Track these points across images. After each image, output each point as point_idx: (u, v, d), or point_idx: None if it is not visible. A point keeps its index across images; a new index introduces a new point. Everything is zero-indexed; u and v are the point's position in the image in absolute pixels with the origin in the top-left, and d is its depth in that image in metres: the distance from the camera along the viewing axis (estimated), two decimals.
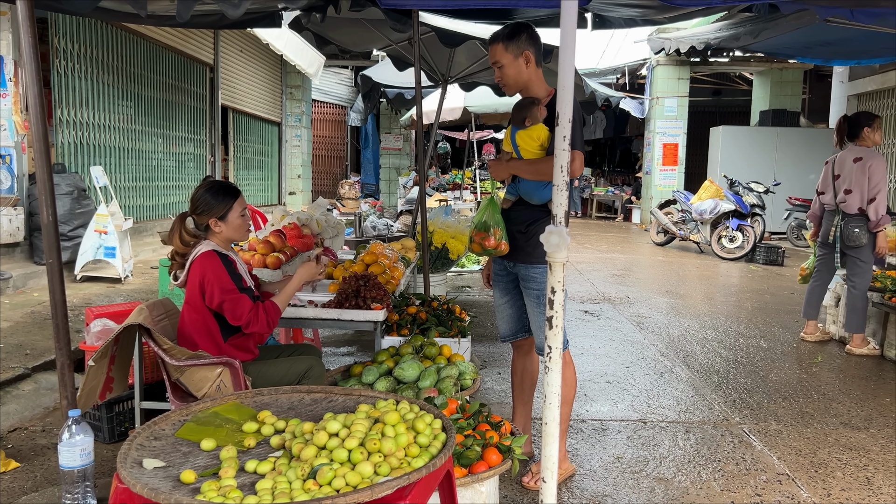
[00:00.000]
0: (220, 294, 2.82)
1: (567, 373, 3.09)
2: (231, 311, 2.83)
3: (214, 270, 2.83)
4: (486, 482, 2.34)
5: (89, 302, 5.96)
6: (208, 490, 1.66)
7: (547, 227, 1.64)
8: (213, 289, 2.82)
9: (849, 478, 3.23)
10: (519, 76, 3.02)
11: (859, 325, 5.40)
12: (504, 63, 3.00)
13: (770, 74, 15.44)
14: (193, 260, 2.88)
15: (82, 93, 8.06)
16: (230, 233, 2.97)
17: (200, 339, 2.91)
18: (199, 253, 2.89)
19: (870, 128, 5.36)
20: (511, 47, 2.97)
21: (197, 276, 2.86)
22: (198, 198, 2.96)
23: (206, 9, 4.35)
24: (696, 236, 11.53)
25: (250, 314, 2.83)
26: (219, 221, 2.93)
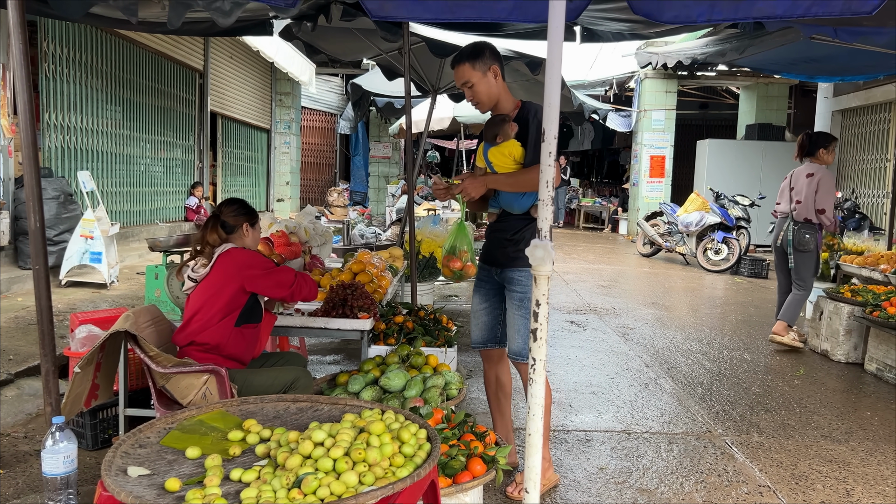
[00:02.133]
0: (263, 271, 3.03)
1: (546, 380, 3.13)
2: (277, 281, 3.04)
3: (249, 255, 3.07)
4: (470, 492, 2.36)
5: (74, 307, 5.92)
6: (193, 498, 1.67)
7: (532, 241, 1.67)
8: (253, 270, 3.01)
9: (829, 490, 3.27)
10: (490, 91, 3.07)
11: (792, 317, 5.93)
12: (474, 81, 3.05)
13: (756, 89, 15.61)
14: (219, 256, 3.05)
15: (70, 97, 8.04)
16: (253, 241, 3.22)
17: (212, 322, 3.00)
18: (225, 250, 3.06)
19: (825, 149, 5.89)
20: (478, 65, 3.02)
21: (229, 267, 3.01)
22: (234, 203, 3.22)
23: (197, 16, 4.36)
24: (682, 248, 11.62)
25: (297, 279, 3.09)
26: (249, 227, 3.19)
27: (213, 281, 3.02)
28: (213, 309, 3.00)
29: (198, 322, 3.01)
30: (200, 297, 3.04)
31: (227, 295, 3.01)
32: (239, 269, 3.00)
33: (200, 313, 3.01)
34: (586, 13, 4.28)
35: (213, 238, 3.11)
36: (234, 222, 3.16)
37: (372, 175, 19.04)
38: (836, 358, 5.65)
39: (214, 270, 3.02)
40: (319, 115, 19.82)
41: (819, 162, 5.86)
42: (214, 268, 3.02)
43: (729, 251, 10.82)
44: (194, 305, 3.05)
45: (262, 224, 4.94)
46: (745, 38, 5.96)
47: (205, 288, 3.03)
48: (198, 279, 3.05)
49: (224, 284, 3.00)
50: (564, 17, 1.52)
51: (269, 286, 3.05)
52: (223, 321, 3.02)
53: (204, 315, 3.01)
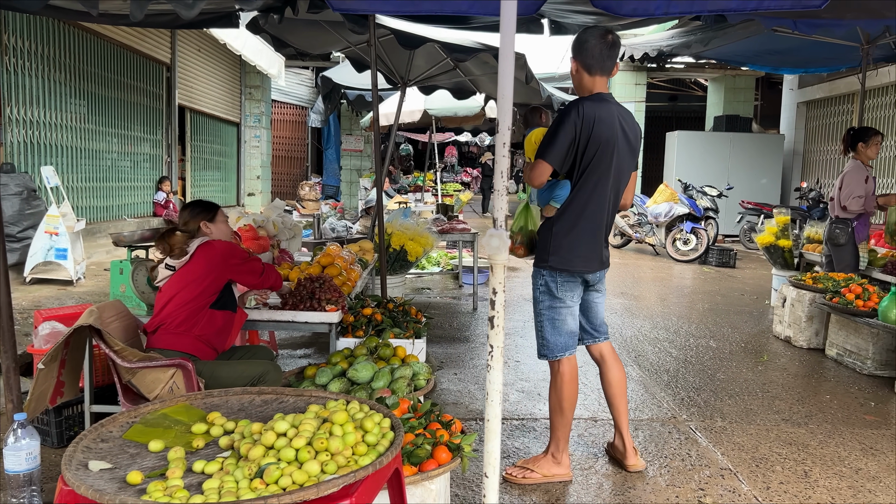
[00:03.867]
0: (241, 257, 3.20)
1: (559, 381, 3.14)
2: (251, 268, 3.22)
3: (230, 245, 3.20)
4: (435, 480, 2.39)
5: (39, 305, 5.84)
6: (154, 490, 1.67)
7: (488, 230, 1.70)
8: (234, 258, 3.15)
9: (787, 471, 3.36)
10: (575, 83, 3.14)
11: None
12: (573, 71, 3.13)
13: (724, 81, 15.83)
14: (199, 246, 3.13)
15: (33, 91, 7.90)
16: (218, 234, 3.26)
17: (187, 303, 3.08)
18: (203, 241, 3.15)
19: (864, 143, 5.79)
20: (573, 55, 3.10)
21: (210, 255, 3.11)
22: (185, 210, 3.29)
23: (160, 8, 4.31)
24: (651, 239, 11.77)
25: (265, 267, 3.30)
26: (208, 223, 3.25)
27: (193, 269, 3.10)
28: (190, 294, 3.09)
29: (173, 305, 3.10)
30: (178, 284, 3.11)
31: (207, 282, 3.10)
32: (223, 258, 3.12)
33: (177, 297, 3.10)
34: (553, 6, 4.33)
35: (176, 241, 3.17)
36: (193, 225, 3.23)
37: (344, 168, 18.95)
38: (799, 344, 5.79)
39: (195, 259, 3.11)
40: (290, 109, 19.67)
41: (859, 157, 5.79)
42: (195, 257, 3.11)
43: (697, 241, 10.99)
44: (170, 292, 3.12)
45: (230, 219, 4.92)
46: (709, 30, 6.05)
47: (183, 275, 3.11)
48: (176, 267, 3.11)
49: (206, 273, 3.10)
50: (516, 15, 1.54)
51: (244, 273, 3.20)
52: (198, 302, 3.11)
53: (180, 299, 3.09)
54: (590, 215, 3.05)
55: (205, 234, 3.22)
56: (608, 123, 2.97)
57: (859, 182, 5.74)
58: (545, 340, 3.15)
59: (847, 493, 3.15)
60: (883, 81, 11.61)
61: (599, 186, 3.01)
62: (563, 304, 3.12)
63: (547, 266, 3.09)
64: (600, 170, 2.98)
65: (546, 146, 2.96)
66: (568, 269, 3.08)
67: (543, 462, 3.17)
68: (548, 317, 3.12)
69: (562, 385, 3.15)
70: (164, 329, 3.05)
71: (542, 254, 3.11)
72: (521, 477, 3.14)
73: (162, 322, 3.06)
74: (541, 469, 3.15)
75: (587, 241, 3.09)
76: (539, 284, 3.14)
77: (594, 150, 2.97)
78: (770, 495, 3.11)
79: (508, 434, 3.74)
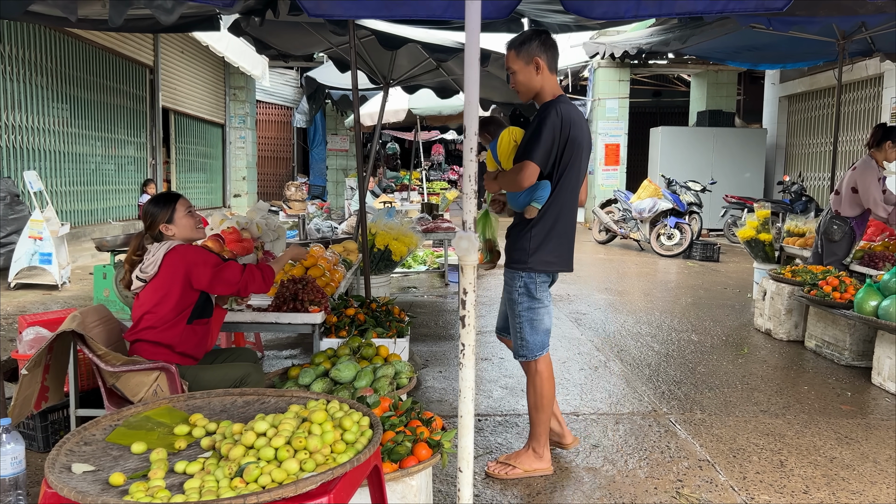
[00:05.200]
0: (210, 268, 2.98)
1: (537, 380, 3.20)
2: (224, 279, 2.99)
3: (195, 252, 3.00)
4: (416, 476, 2.43)
5: (24, 310, 5.84)
6: (136, 491, 1.71)
7: (458, 232, 1.75)
8: (200, 268, 2.97)
9: (764, 461, 3.44)
10: (529, 83, 3.08)
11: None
12: (515, 69, 3.07)
13: (706, 76, 15.96)
14: (165, 255, 2.99)
15: (15, 95, 7.87)
16: (183, 232, 3.10)
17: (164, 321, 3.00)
18: (170, 248, 3.00)
19: (893, 142, 5.62)
20: (522, 54, 3.04)
21: (177, 265, 2.96)
22: (145, 212, 3.13)
23: (140, 13, 4.33)
24: (636, 234, 11.86)
25: (245, 275, 3.03)
26: (168, 225, 3.07)
27: (162, 281, 2.99)
28: (164, 309, 2.99)
29: (149, 321, 3.00)
30: (151, 298, 3.01)
31: (177, 294, 2.99)
32: (186, 267, 2.97)
33: (151, 314, 3.00)
34: (532, 5, 4.38)
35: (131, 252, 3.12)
36: (155, 231, 3.08)
37: (330, 168, 18.95)
38: (779, 336, 5.88)
39: (162, 270, 2.99)
40: (275, 109, 19.64)
41: (878, 155, 5.67)
42: (162, 268, 2.99)
43: (681, 236, 11.09)
44: (144, 305, 3.02)
45: (213, 221, 4.94)
46: (686, 28, 6.13)
47: (154, 289, 3.01)
48: (146, 279, 3.03)
49: (172, 284, 2.98)
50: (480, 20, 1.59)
51: (215, 284, 3.00)
52: (175, 319, 3.02)
53: (155, 315, 2.99)
54: (566, 215, 3.11)
55: (168, 238, 3.08)
56: (580, 125, 3.04)
57: (875, 185, 5.63)
58: (524, 341, 3.18)
59: (821, 482, 3.23)
60: (861, 75, 11.77)
61: (574, 187, 3.09)
62: (541, 305, 3.16)
63: (527, 268, 3.11)
64: (574, 170, 3.05)
65: (532, 147, 2.97)
66: (547, 270, 3.13)
67: (525, 457, 3.23)
68: (527, 318, 3.16)
69: (541, 383, 3.20)
70: (141, 345, 3.02)
71: (519, 255, 3.12)
72: (502, 472, 3.19)
73: (139, 337, 3.02)
74: (522, 464, 3.21)
75: (565, 242, 3.16)
76: (518, 287, 3.15)
77: (571, 151, 3.03)
78: (746, 485, 3.18)
79: (491, 430, 3.80)
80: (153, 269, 2.99)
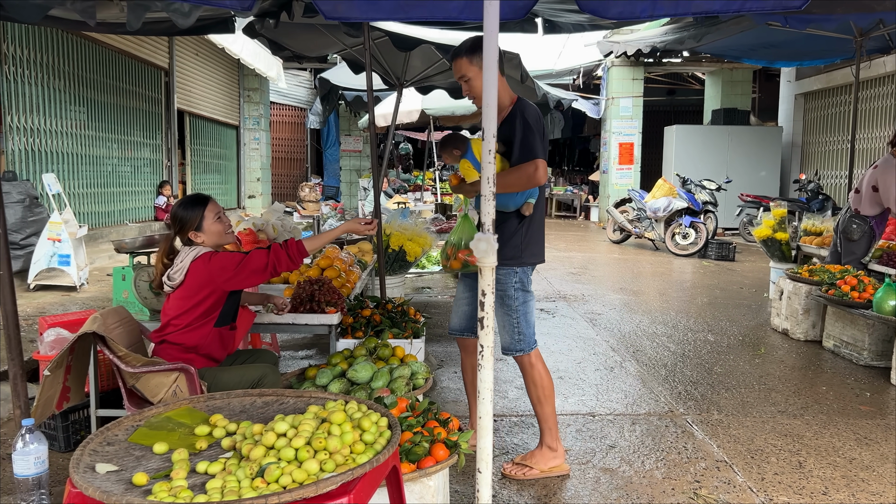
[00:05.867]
0: (234, 266, 2.94)
1: (535, 374, 3.21)
2: (252, 269, 2.94)
3: (219, 259, 2.97)
4: (433, 476, 2.44)
5: (43, 311, 5.91)
6: (159, 491, 1.73)
7: (476, 234, 1.75)
8: (226, 272, 2.95)
9: (782, 462, 3.42)
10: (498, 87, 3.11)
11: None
12: (470, 76, 3.07)
13: (721, 74, 15.86)
14: (191, 263, 2.98)
15: (33, 99, 7.96)
16: (211, 239, 3.09)
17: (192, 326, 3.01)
18: (196, 256, 3.00)
19: None
20: (475, 60, 3.03)
21: (203, 274, 2.96)
22: (173, 216, 3.11)
23: (157, 16, 4.37)
24: (650, 234, 11.81)
25: (270, 257, 2.96)
26: (197, 232, 3.07)
27: (188, 290, 2.99)
28: (191, 316, 3.00)
29: (177, 325, 3.01)
30: (178, 306, 3.01)
31: (203, 302, 2.99)
32: (212, 275, 2.96)
33: (180, 319, 3.00)
34: (545, 5, 4.38)
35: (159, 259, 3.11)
36: (183, 237, 3.10)
37: (343, 169, 19.01)
38: (796, 336, 5.84)
39: (188, 279, 2.99)
40: (289, 111, 19.73)
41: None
42: (188, 277, 2.99)
43: (696, 235, 11.03)
44: (171, 311, 3.03)
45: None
46: (701, 26, 6.10)
47: (181, 297, 3.01)
48: (173, 287, 3.04)
49: (198, 292, 2.98)
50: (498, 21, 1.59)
51: (246, 279, 2.98)
52: (203, 324, 3.03)
53: (183, 320, 2.99)
54: (541, 208, 3.25)
55: (197, 245, 3.08)
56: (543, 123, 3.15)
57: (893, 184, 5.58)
58: (521, 335, 3.19)
59: (840, 483, 3.20)
60: (879, 72, 11.64)
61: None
62: (531, 296, 3.24)
63: (521, 263, 3.17)
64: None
65: (534, 146, 3.00)
66: (534, 262, 3.23)
67: (540, 456, 3.23)
68: (522, 312, 3.19)
69: (540, 375, 3.23)
70: (167, 346, 3.05)
71: (513, 252, 3.14)
72: (519, 473, 3.20)
73: (165, 339, 3.05)
74: (538, 464, 3.21)
75: (542, 232, 3.28)
76: (514, 282, 3.17)
77: (545, 144, 3.15)
78: (764, 486, 3.16)
79: (507, 430, 3.80)
80: (180, 276, 3.00)
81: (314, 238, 3.17)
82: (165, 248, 3.13)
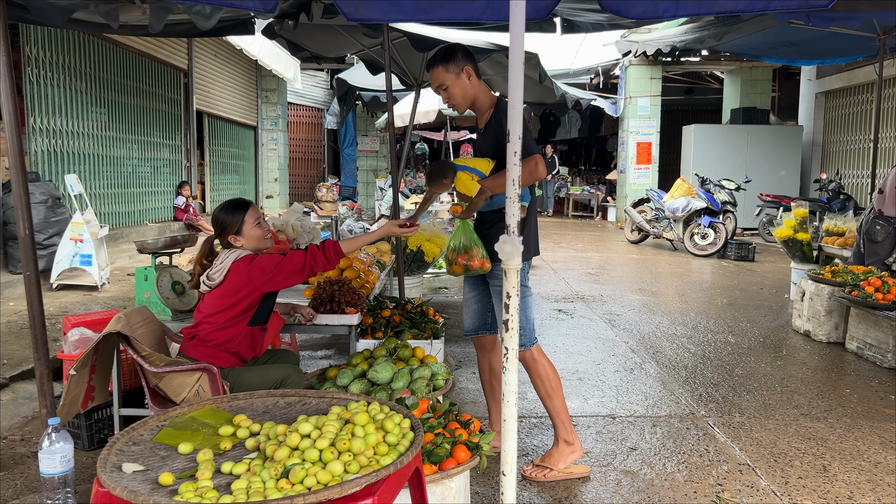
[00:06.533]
0: (273, 267, 2.97)
1: (539, 368, 3.21)
2: (289, 270, 2.97)
3: (259, 261, 3.00)
4: (455, 478, 2.44)
5: (66, 310, 5.98)
6: (185, 491, 1.74)
7: (501, 236, 1.75)
8: (265, 273, 2.97)
9: (806, 466, 3.38)
10: (465, 92, 3.13)
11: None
12: (448, 84, 3.10)
13: (740, 73, 15.72)
14: (232, 265, 3.01)
15: (55, 100, 8.05)
16: (251, 243, 3.11)
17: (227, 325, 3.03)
18: (239, 257, 3.03)
19: None
20: (451, 67, 3.08)
21: (242, 276, 2.98)
22: (214, 219, 3.14)
23: (178, 18, 4.40)
24: (669, 234, 11.73)
25: (307, 258, 2.98)
26: (237, 236, 3.10)
27: (226, 290, 3.02)
28: (228, 314, 3.03)
29: (211, 323, 3.03)
30: (214, 305, 3.04)
31: (244, 302, 3.02)
32: (251, 276, 2.98)
33: (215, 317, 3.03)
34: (565, 5, 4.36)
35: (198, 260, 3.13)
36: (222, 240, 3.13)
37: (360, 169, 19.06)
38: (819, 338, 5.77)
39: (228, 280, 3.02)
40: (306, 111, 19.81)
41: None
42: (228, 278, 3.02)
43: (716, 235, 10.95)
44: (208, 309, 3.06)
45: None
46: (722, 24, 6.05)
47: (219, 296, 3.04)
48: (212, 287, 3.06)
49: (236, 293, 3.01)
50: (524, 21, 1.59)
51: (284, 280, 3.01)
52: (237, 322, 3.05)
53: (219, 318, 3.02)
54: (534, 206, 3.27)
55: (237, 248, 3.10)
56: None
57: None
58: (523, 330, 3.18)
59: (866, 487, 3.16)
60: None
61: None
62: (529, 291, 3.24)
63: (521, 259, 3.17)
64: None
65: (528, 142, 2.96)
66: (530, 258, 3.24)
67: (558, 454, 3.21)
68: (522, 307, 3.19)
69: (544, 370, 3.22)
70: (199, 340, 3.06)
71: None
72: (540, 475, 3.19)
73: (197, 334, 3.07)
74: (557, 464, 3.20)
75: (537, 229, 3.32)
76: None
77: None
78: (788, 490, 3.13)
79: (527, 432, 3.79)
80: (219, 277, 3.02)
81: (351, 240, 3.18)
82: (205, 250, 3.16)
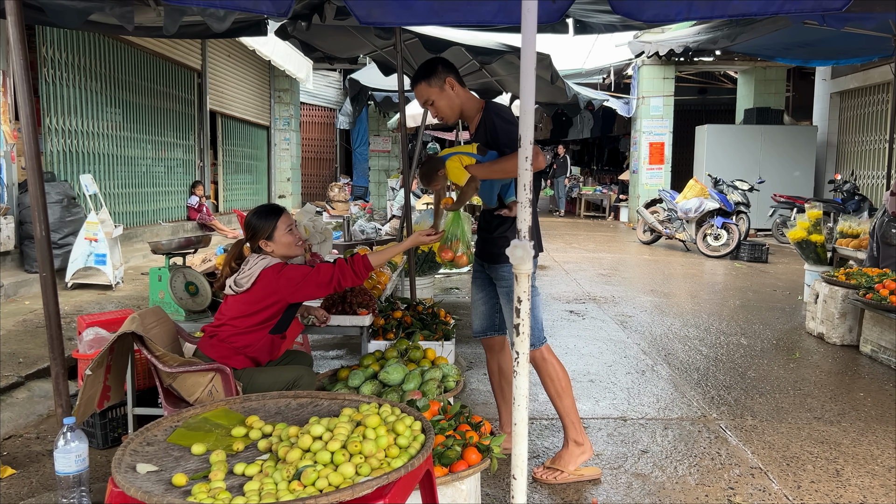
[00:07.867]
0: (301, 278, 2.97)
1: (549, 368, 3.21)
2: (317, 283, 2.97)
3: (288, 271, 3.01)
4: (466, 480, 2.45)
5: (81, 309, 6.03)
6: (199, 492, 1.76)
7: (512, 241, 1.76)
8: (292, 283, 2.98)
9: (819, 470, 3.36)
10: (451, 103, 3.16)
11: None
12: (434, 98, 3.13)
13: (754, 73, 15.62)
14: (261, 272, 3.02)
15: (70, 101, 8.13)
16: (281, 249, 3.12)
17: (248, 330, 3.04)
18: (269, 265, 3.03)
19: None
20: (434, 81, 3.11)
21: (271, 285, 2.99)
22: (247, 223, 3.15)
23: (192, 20, 4.44)
24: (681, 235, 11.68)
25: (335, 272, 2.98)
26: (268, 241, 3.10)
27: (253, 296, 3.03)
28: (252, 321, 3.04)
29: (234, 326, 3.04)
30: (239, 309, 3.05)
31: (269, 310, 3.03)
32: (279, 286, 2.99)
33: (238, 321, 3.04)
34: (578, 6, 4.35)
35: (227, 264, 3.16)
36: (252, 244, 3.13)
37: (372, 169, 19.11)
38: (832, 341, 5.73)
39: (256, 287, 3.02)
40: (319, 111, 19.88)
41: None
42: (256, 284, 3.02)
43: (728, 236, 10.88)
44: (232, 312, 3.07)
45: None
46: (735, 25, 6.02)
47: (244, 301, 3.04)
48: (238, 292, 3.07)
49: (262, 300, 3.02)
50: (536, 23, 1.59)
51: (311, 292, 3.02)
52: (259, 329, 3.07)
53: (242, 323, 3.04)
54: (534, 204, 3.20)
55: (266, 254, 3.10)
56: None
57: None
58: (532, 330, 3.16)
59: (879, 492, 3.14)
60: None
61: None
62: (537, 290, 3.22)
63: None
64: None
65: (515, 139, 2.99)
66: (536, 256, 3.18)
67: (568, 456, 3.21)
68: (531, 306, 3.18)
69: (554, 370, 3.21)
70: (219, 340, 3.08)
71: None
72: (550, 478, 3.19)
73: (218, 334, 3.08)
74: (567, 466, 3.20)
75: (538, 227, 3.28)
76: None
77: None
78: (801, 494, 3.11)
79: (538, 434, 3.79)
80: (248, 283, 3.03)
81: (380, 252, 3.18)
82: (234, 253, 3.18)
